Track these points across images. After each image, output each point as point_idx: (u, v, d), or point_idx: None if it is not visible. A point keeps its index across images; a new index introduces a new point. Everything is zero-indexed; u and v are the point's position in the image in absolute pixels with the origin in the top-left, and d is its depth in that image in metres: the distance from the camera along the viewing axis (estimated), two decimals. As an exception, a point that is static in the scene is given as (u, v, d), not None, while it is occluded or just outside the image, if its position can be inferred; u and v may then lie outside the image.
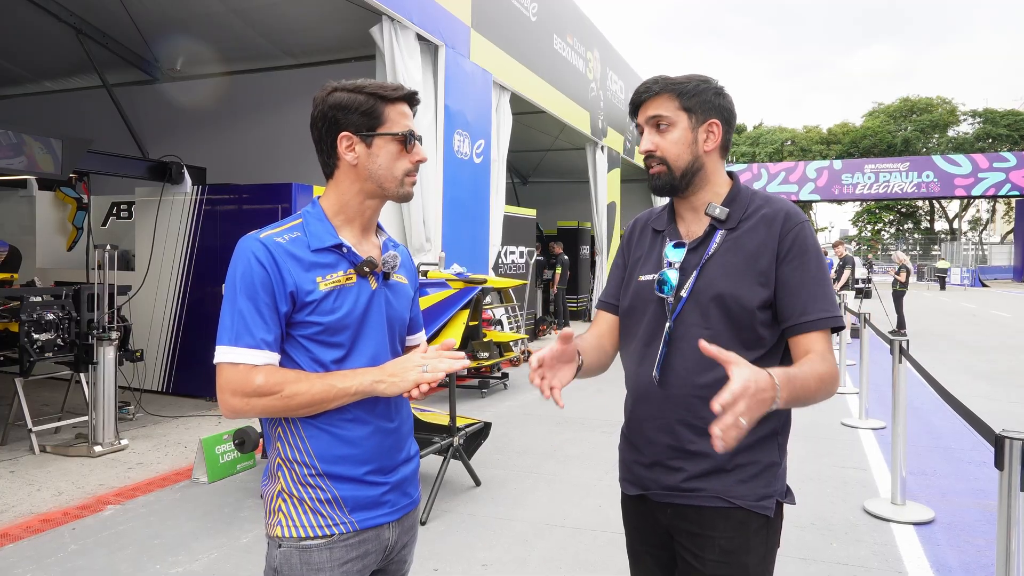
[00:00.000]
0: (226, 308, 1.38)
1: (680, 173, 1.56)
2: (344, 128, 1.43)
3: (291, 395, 1.36)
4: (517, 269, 11.30)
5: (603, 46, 14.34)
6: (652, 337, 1.59)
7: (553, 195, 17.61)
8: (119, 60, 9.04)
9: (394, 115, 1.46)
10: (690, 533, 1.55)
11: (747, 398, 1.21)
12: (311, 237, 1.43)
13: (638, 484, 1.63)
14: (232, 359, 1.35)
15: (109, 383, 5.30)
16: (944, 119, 43.82)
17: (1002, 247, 45.23)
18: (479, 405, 7.02)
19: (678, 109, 1.56)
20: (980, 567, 3.46)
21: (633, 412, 1.63)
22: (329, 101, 1.44)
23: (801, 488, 4.54)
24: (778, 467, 1.56)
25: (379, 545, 1.48)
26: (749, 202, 1.58)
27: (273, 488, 1.45)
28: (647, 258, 1.66)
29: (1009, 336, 13.54)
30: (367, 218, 1.51)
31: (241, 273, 1.37)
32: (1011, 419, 6.30)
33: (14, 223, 8.73)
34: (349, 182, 1.47)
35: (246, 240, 1.41)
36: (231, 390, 1.35)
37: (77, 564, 3.41)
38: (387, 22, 6.87)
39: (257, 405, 1.36)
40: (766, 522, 1.54)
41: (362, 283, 1.45)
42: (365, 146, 1.44)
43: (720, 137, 1.58)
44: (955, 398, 2.79)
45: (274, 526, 1.43)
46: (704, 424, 1.48)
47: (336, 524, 1.41)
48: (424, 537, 3.76)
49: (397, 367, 1.42)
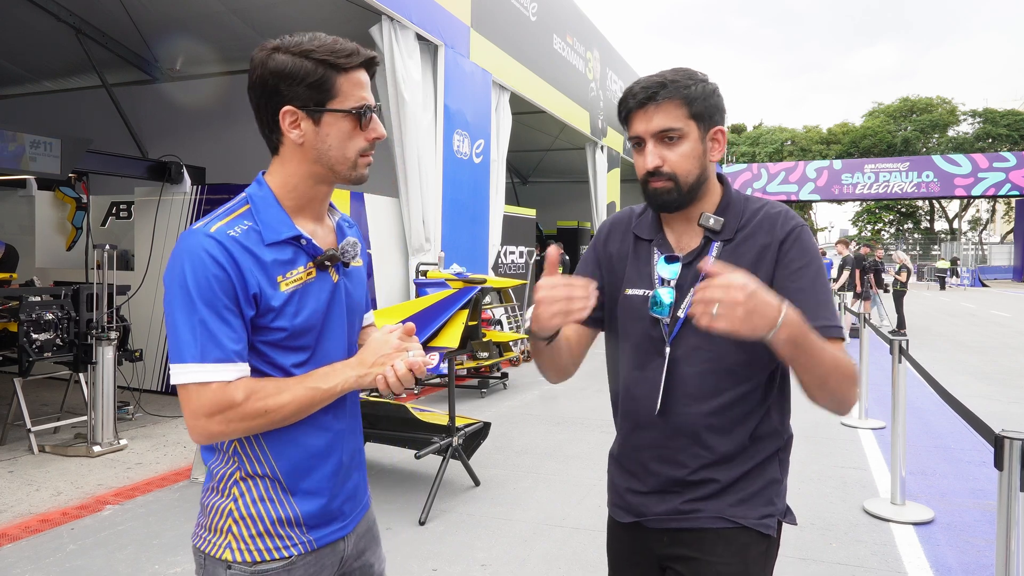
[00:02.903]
0: (180, 319, 1.17)
1: (688, 188, 1.40)
2: (287, 101, 1.22)
3: (276, 408, 1.20)
4: (517, 269, 11.30)
5: (603, 46, 14.35)
6: (647, 360, 1.45)
7: (553, 195, 17.61)
8: (119, 60, 9.05)
9: (347, 86, 1.24)
10: (687, 559, 1.43)
11: (750, 292, 1.13)
12: (264, 228, 1.24)
13: (632, 511, 1.50)
14: (201, 378, 1.17)
15: (108, 383, 5.29)
16: (944, 119, 43.81)
17: (1002, 247, 45.21)
18: (478, 405, 7.02)
19: (688, 118, 1.38)
20: (980, 567, 3.46)
21: (629, 439, 1.51)
22: (269, 65, 1.22)
23: (801, 488, 4.54)
24: (779, 484, 1.47)
25: (334, 558, 1.37)
26: (743, 209, 1.45)
27: (222, 504, 1.28)
28: (634, 269, 1.49)
29: (1009, 336, 13.54)
30: (320, 202, 1.33)
31: (195, 276, 1.17)
32: (1010, 419, 6.30)
33: (13, 223, 8.73)
34: (296, 162, 1.27)
35: (193, 236, 1.20)
36: (206, 413, 1.17)
37: (76, 564, 3.40)
38: (387, 22, 6.87)
39: (239, 426, 1.19)
40: (767, 547, 1.44)
41: (323, 277, 1.30)
42: (312, 123, 1.24)
43: (724, 144, 1.44)
44: (955, 398, 2.78)
45: (220, 547, 1.27)
46: (711, 455, 1.41)
47: (294, 545, 1.28)
48: (423, 537, 3.76)
49: (376, 355, 1.27)
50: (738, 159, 45.12)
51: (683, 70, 1.42)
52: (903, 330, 12.99)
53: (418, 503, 4.10)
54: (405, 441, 4.26)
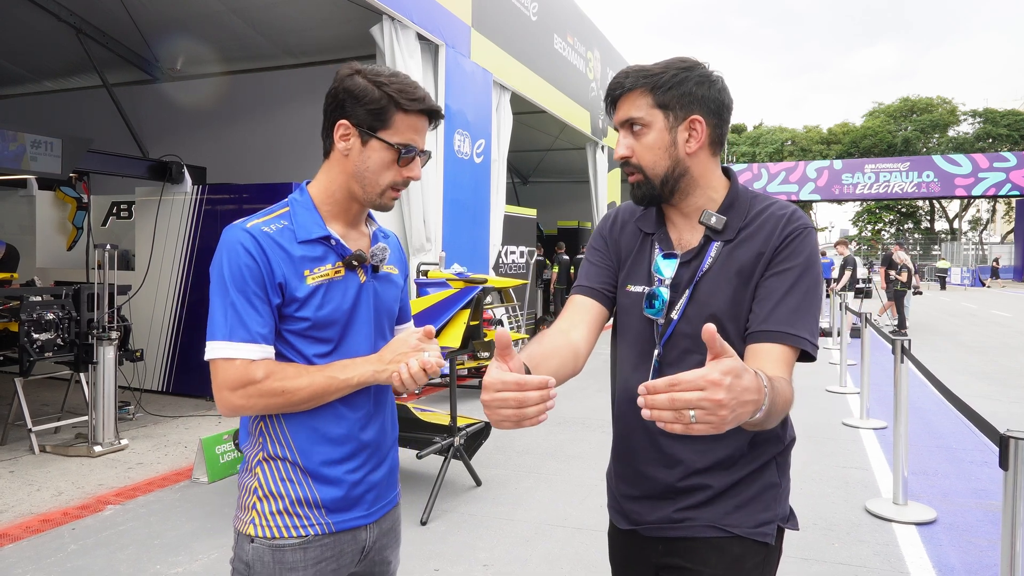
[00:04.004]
0: (216, 302, 1.32)
1: (659, 181, 1.36)
2: (346, 116, 1.36)
3: (293, 389, 1.31)
4: (517, 269, 11.29)
5: (603, 46, 14.35)
6: (640, 361, 1.40)
7: (553, 195, 17.61)
8: (119, 60, 9.04)
9: (403, 125, 1.37)
10: (680, 568, 1.38)
11: (728, 385, 0.94)
12: (298, 228, 1.37)
13: (628, 519, 1.47)
14: (228, 354, 1.30)
15: (109, 383, 5.29)
16: (944, 119, 43.81)
17: (1002, 247, 45.21)
18: (479, 405, 6.98)
19: (652, 107, 1.34)
20: (983, 567, 3.46)
21: (621, 441, 1.49)
22: (346, 83, 1.37)
23: (803, 488, 4.53)
24: (778, 488, 1.39)
25: (355, 547, 1.43)
26: (749, 207, 1.37)
27: (249, 483, 1.40)
28: (636, 264, 1.45)
29: (1010, 336, 13.53)
30: (354, 214, 1.45)
31: (229, 265, 1.31)
32: (1012, 419, 6.29)
33: (14, 223, 8.73)
34: (337, 172, 1.40)
35: (232, 230, 1.34)
36: (229, 386, 1.30)
37: (77, 564, 3.40)
38: (387, 21, 6.86)
39: (259, 402, 1.31)
40: (764, 556, 1.36)
41: (350, 277, 1.40)
42: (360, 142, 1.37)
43: (706, 134, 1.35)
44: (959, 398, 2.78)
45: (246, 523, 1.38)
46: (704, 460, 1.37)
47: (312, 525, 1.37)
48: (425, 537, 3.75)
49: (395, 353, 1.37)
50: (738, 159, 45.12)
51: (677, 59, 1.37)
52: (904, 330, 12.99)
53: (420, 503, 4.09)
54: (407, 441, 4.26)
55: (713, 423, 0.95)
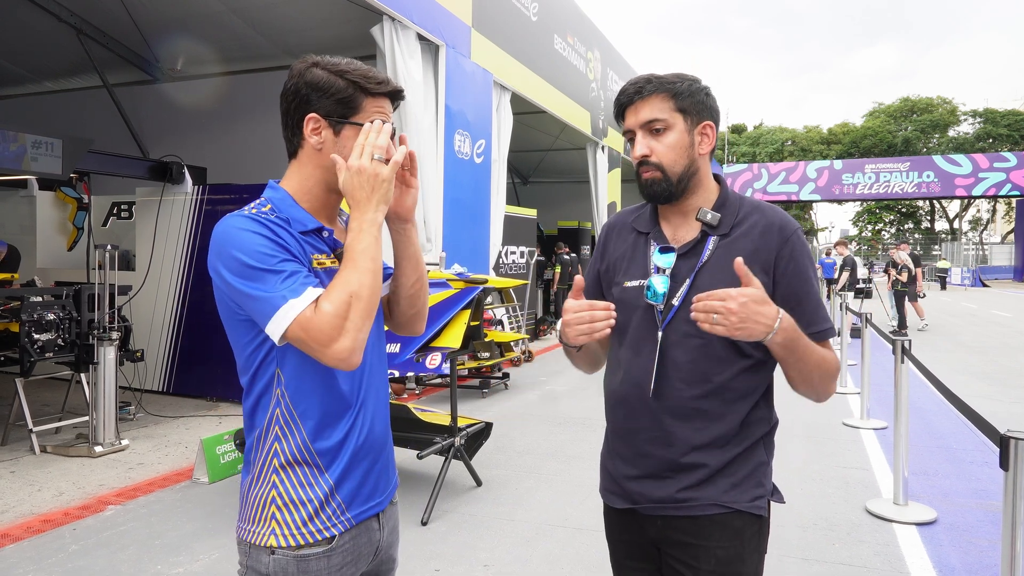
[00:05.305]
0: (250, 289, 1.23)
1: (676, 179, 1.49)
2: (314, 109, 1.34)
3: (356, 286, 1.24)
4: (518, 269, 11.30)
5: (604, 46, 14.35)
6: (641, 346, 1.52)
7: (554, 195, 17.61)
8: (119, 60, 9.04)
9: (372, 108, 1.36)
10: (683, 544, 1.50)
11: (742, 302, 1.31)
12: (292, 220, 1.34)
13: (626, 498, 1.56)
14: (299, 307, 1.21)
15: (110, 383, 5.29)
16: (944, 119, 43.83)
17: (1002, 247, 45.21)
18: (480, 405, 7.02)
19: (673, 111, 1.49)
20: (983, 567, 3.46)
21: (623, 423, 1.57)
22: (306, 77, 1.34)
23: (803, 488, 4.54)
24: (766, 466, 1.55)
25: (370, 547, 1.45)
26: (739, 207, 1.54)
27: (263, 493, 1.34)
28: (632, 262, 1.58)
29: (1010, 336, 13.54)
30: (332, 208, 1.43)
31: (243, 249, 1.25)
32: (1012, 419, 6.29)
33: (15, 223, 8.74)
34: (312, 167, 1.37)
35: (230, 219, 1.30)
36: (329, 333, 1.21)
37: (78, 564, 3.40)
38: (387, 22, 6.86)
39: (365, 324, 1.25)
40: (759, 527, 1.52)
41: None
42: (332, 132, 1.35)
43: (714, 140, 1.54)
44: (959, 398, 2.78)
45: (264, 535, 1.33)
46: (701, 437, 1.48)
47: (335, 525, 1.35)
48: (425, 537, 3.76)
49: (361, 190, 1.30)
50: (738, 159, 45.13)
51: (681, 74, 1.54)
52: (904, 330, 12.99)
53: (420, 503, 4.09)
54: (407, 441, 4.26)
55: (726, 326, 1.33)
